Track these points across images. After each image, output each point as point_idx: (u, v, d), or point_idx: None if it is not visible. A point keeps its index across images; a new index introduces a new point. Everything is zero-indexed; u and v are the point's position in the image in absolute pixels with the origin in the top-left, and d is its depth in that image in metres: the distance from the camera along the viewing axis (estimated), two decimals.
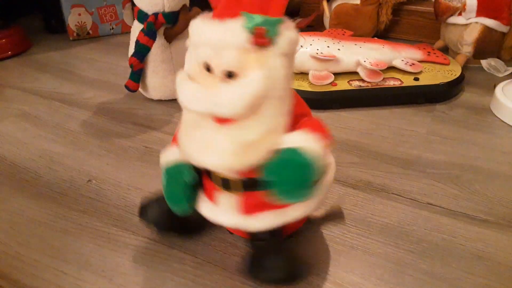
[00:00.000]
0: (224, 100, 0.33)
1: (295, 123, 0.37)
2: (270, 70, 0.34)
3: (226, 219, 0.40)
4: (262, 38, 0.32)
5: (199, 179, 0.42)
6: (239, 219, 0.40)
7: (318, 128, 0.37)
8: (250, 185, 0.38)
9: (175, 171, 0.41)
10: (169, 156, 0.42)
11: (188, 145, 0.38)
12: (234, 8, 0.33)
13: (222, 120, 0.35)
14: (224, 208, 0.40)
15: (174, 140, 0.43)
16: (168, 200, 0.42)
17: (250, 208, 0.39)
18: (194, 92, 0.35)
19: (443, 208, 0.52)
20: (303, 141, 0.35)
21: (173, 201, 0.42)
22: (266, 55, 0.33)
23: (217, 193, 0.40)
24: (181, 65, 0.83)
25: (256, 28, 0.32)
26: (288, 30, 0.34)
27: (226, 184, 0.39)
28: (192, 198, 0.41)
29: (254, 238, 0.42)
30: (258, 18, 0.32)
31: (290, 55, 0.35)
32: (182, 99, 0.36)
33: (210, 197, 0.41)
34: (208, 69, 0.35)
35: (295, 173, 0.34)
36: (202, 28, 0.34)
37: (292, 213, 0.39)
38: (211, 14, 0.35)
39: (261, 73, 0.33)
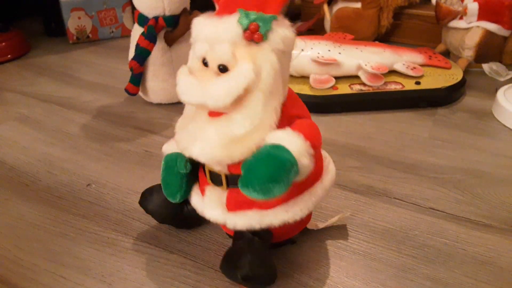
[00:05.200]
0: (214, 92, 0.35)
1: (289, 124, 0.37)
2: (259, 64, 0.35)
3: (210, 212, 0.41)
4: (254, 33, 0.34)
5: (195, 171, 0.42)
6: (221, 214, 0.40)
7: (307, 130, 0.37)
8: (235, 182, 0.38)
9: (171, 161, 0.42)
10: (170, 145, 0.44)
11: (180, 136, 0.39)
12: (233, 6, 0.35)
13: (213, 114, 0.37)
14: (209, 202, 0.41)
15: None
16: (163, 187, 0.43)
17: (233, 205, 0.39)
18: (188, 85, 0.36)
19: (446, 213, 0.52)
20: (284, 138, 0.35)
21: (166, 189, 0.43)
22: (257, 50, 0.35)
23: (206, 186, 0.41)
24: None
25: (250, 23, 0.34)
26: (282, 27, 0.35)
27: (214, 178, 0.40)
28: (185, 189, 0.43)
29: (237, 236, 0.41)
30: (252, 14, 0.34)
31: (283, 52, 0.36)
32: (178, 91, 0.37)
33: (201, 190, 0.42)
34: (205, 63, 0.37)
35: (267, 167, 0.34)
36: (201, 25, 0.37)
37: (272, 215, 0.38)
38: (214, 13, 0.37)
39: (249, 66, 0.34)
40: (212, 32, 0.35)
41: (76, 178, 0.58)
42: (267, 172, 0.34)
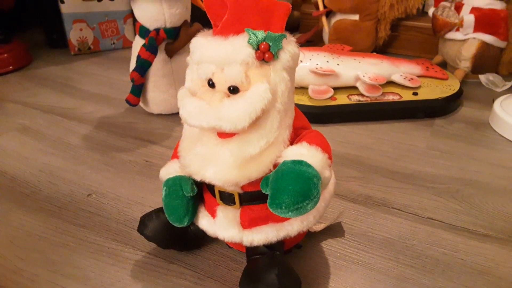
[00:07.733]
0: (229, 114, 0.33)
1: (295, 136, 0.38)
2: (273, 84, 0.34)
3: (224, 233, 0.40)
4: (265, 53, 0.34)
5: (199, 192, 0.42)
6: (237, 233, 0.40)
7: (319, 141, 0.37)
8: (248, 199, 0.39)
9: (175, 184, 0.41)
10: (169, 169, 0.43)
11: (189, 159, 0.38)
12: (237, 25, 0.34)
13: (224, 135, 0.36)
14: (222, 222, 0.40)
15: (175, 154, 0.43)
16: (167, 213, 0.42)
17: (247, 222, 0.39)
18: (197, 108, 0.35)
19: (444, 222, 0.52)
20: (304, 153, 0.35)
21: (172, 214, 0.41)
22: (270, 69, 0.34)
23: (216, 207, 0.41)
24: (182, 79, 0.84)
25: (260, 43, 0.33)
26: (290, 45, 0.35)
27: (225, 198, 0.39)
28: (191, 211, 0.42)
29: (251, 252, 0.42)
30: (261, 34, 0.33)
31: (292, 69, 0.36)
32: (184, 115, 0.36)
33: (210, 211, 0.42)
34: (211, 85, 0.36)
35: (296, 185, 0.34)
36: (205, 45, 0.35)
37: (289, 227, 0.40)
38: (211, 31, 0.36)
39: (265, 86, 0.34)
40: (220, 53, 0.34)
41: (76, 188, 0.59)
42: (298, 190, 0.33)
